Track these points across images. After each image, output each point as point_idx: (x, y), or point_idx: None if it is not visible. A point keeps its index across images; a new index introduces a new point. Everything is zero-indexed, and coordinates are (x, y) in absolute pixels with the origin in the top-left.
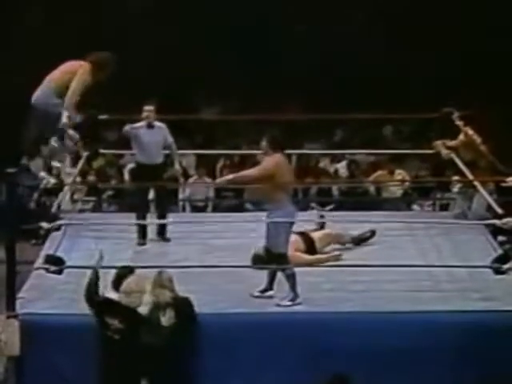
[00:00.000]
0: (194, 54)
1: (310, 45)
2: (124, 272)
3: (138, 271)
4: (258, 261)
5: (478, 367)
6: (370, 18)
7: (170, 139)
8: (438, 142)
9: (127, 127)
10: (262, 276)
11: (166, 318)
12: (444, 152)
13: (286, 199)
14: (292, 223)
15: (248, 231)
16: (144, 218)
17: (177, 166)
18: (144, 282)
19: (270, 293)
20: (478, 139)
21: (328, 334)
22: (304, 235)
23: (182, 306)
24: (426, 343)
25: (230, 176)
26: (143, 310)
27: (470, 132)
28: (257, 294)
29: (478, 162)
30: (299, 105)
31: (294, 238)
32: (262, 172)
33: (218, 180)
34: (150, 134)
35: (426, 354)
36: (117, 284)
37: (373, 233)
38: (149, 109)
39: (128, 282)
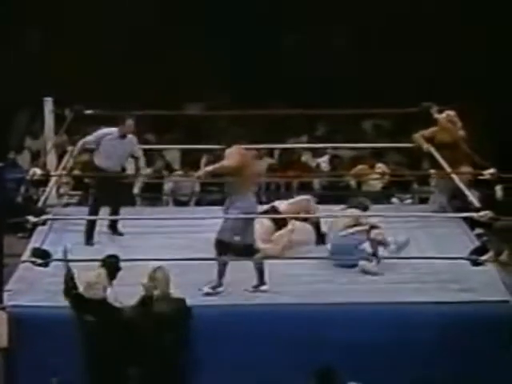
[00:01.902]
0: (181, 50)
1: (297, 45)
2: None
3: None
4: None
5: (458, 357)
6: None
7: (139, 153)
8: (417, 135)
9: (99, 134)
10: (244, 268)
11: (154, 313)
12: (424, 146)
13: (248, 191)
14: (253, 213)
15: None
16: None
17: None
18: (104, 274)
19: (264, 287)
20: (454, 127)
21: (311, 325)
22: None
23: (171, 305)
24: (406, 334)
25: (210, 168)
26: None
27: (445, 118)
28: (251, 289)
29: (456, 145)
30: (284, 102)
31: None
32: (232, 161)
33: (199, 173)
34: (121, 144)
35: (407, 345)
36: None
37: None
38: (131, 123)
39: (88, 275)
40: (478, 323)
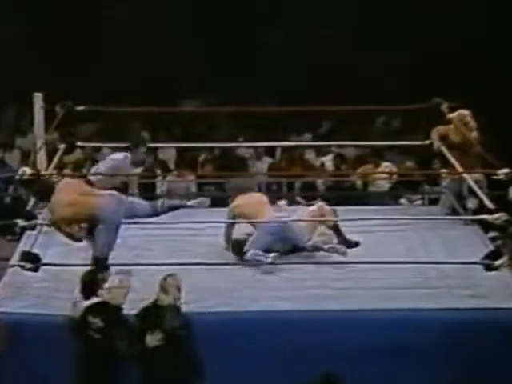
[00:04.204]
0: (174, 48)
1: (292, 43)
2: (90, 277)
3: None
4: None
5: (468, 365)
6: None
7: None
8: (433, 130)
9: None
10: (240, 273)
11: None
12: (436, 144)
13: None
14: (116, 226)
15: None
16: None
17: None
18: (128, 280)
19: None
20: (465, 128)
21: (311, 331)
22: None
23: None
24: (415, 342)
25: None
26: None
27: (457, 117)
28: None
29: (467, 147)
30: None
31: None
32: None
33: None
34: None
35: (415, 353)
36: (86, 292)
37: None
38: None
39: (112, 279)
40: (491, 331)
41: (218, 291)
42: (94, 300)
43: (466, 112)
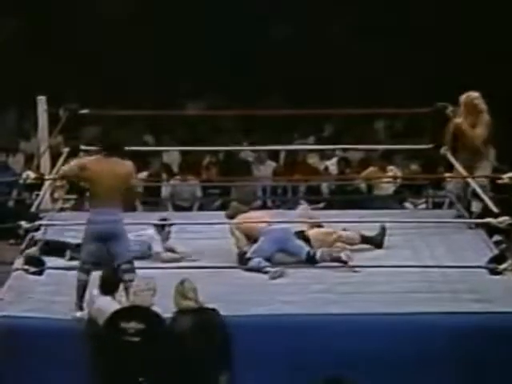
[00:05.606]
0: (178, 50)
1: (297, 42)
2: (108, 273)
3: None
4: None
5: (472, 370)
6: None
7: None
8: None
9: None
10: (246, 276)
11: (188, 327)
12: (443, 148)
13: (96, 206)
14: (97, 235)
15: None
16: None
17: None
18: (152, 281)
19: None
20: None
21: (316, 335)
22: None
23: (206, 317)
24: (418, 345)
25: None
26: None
27: (466, 99)
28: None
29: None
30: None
31: None
32: (76, 162)
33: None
34: None
35: (418, 357)
36: (105, 288)
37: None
38: None
39: (137, 284)
40: (495, 334)
41: (223, 295)
42: (116, 305)
43: (475, 94)
